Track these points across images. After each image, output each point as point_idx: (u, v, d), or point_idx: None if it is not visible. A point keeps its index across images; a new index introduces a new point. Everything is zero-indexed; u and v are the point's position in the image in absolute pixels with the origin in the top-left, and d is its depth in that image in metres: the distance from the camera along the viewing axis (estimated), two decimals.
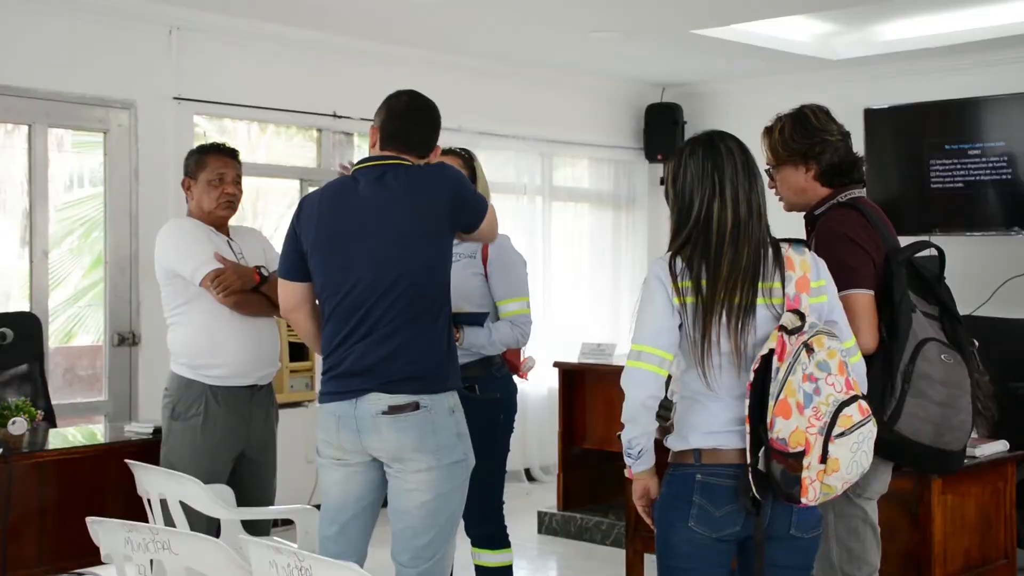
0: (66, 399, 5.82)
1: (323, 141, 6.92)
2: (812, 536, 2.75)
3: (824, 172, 3.29)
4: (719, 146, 2.77)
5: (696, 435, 2.72)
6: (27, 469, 4.07)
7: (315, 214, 3.28)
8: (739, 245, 2.68)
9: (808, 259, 2.75)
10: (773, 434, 2.56)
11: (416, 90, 3.42)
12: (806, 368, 2.57)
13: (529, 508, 6.54)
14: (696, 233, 2.72)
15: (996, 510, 4.44)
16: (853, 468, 2.60)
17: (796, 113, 3.34)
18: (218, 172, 4.11)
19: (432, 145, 3.39)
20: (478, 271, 4.02)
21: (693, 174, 2.76)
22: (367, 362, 3.18)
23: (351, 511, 3.29)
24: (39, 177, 5.74)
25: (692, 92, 8.52)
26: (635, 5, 6.11)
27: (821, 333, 2.62)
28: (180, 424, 4.04)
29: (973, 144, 6.97)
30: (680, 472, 2.73)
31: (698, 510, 2.68)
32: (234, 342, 4.02)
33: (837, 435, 2.56)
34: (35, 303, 5.70)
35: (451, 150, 4.19)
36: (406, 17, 6.29)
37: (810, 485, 2.56)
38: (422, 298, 3.20)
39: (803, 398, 2.56)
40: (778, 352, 2.59)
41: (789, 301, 2.69)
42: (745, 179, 2.74)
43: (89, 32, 5.83)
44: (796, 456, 2.54)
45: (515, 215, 7.72)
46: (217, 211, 4.12)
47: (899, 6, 6.49)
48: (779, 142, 3.31)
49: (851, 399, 2.60)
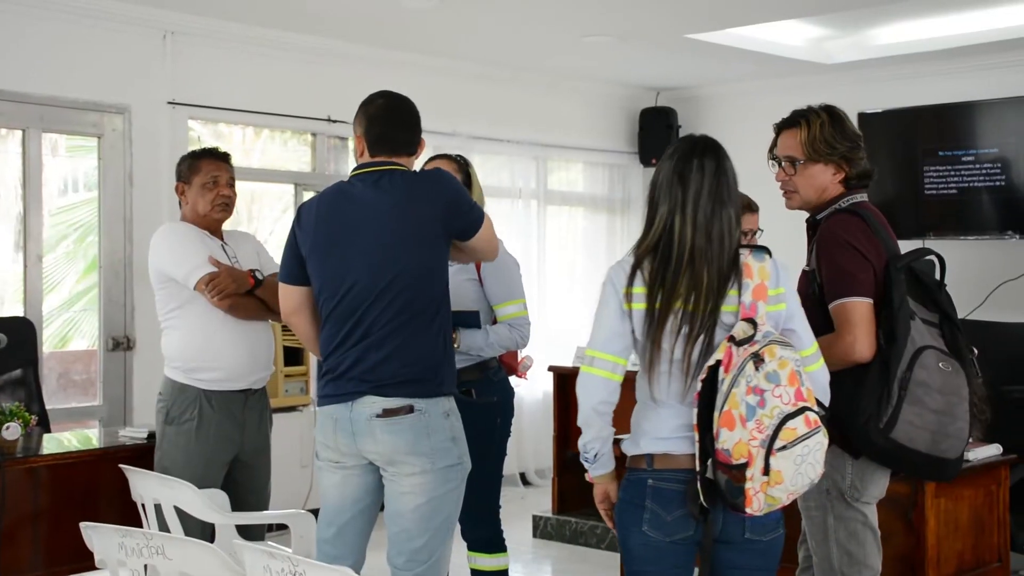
0: (61, 404, 5.82)
1: (318, 145, 6.92)
2: (771, 538, 2.73)
3: (852, 177, 3.26)
4: (693, 161, 2.71)
5: (647, 440, 2.72)
6: (21, 474, 4.06)
7: (313, 218, 3.30)
8: (697, 266, 2.65)
9: (768, 266, 2.70)
10: (719, 444, 2.55)
11: (388, 90, 3.42)
12: (751, 380, 2.53)
13: (524, 512, 6.54)
14: (660, 242, 2.70)
15: (990, 513, 4.46)
16: (798, 480, 2.56)
17: (831, 111, 3.27)
18: (212, 175, 4.12)
19: (417, 140, 3.40)
20: (471, 276, 4.03)
21: (664, 179, 2.73)
22: (363, 365, 3.20)
23: (348, 514, 3.30)
24: (33, 182, 5.74)
25: (686, 96, 8.53)
26: (629, 9, 6.12)
27: (774, 343, 2.58)
28: (174, 429, 4.03)
29: (967, 151, 6.98)
30: (634, 477, 2.74)
31: (650, 515, 2.69)
32: (228, 346, 4.02)
33: (779, 448, 2.51)
34: (29, 308, 5.69)
35: (446, 155, 4.20)
36: (401, 22, 6.29)
37: (754, 496, 2.53)
38: (418, 302, 3.21)
39: (746, 411, 2.52)
40: (724, 363, 2.57)
41: (744, 309, 2.65)
42: (708, 203, 2.68)
43: (83, 37, 5.83)
44: (739, 468, 2.52)
45: (510, 219, 7.73)
46: (212, 214, 4.13)
47: (893, 10, 6.50)
48: (820, 139, 3.22)
49: (798, 411, 2.54)
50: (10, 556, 4.00)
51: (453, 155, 4.20)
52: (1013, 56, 6.95)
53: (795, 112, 3.32)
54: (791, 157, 3.28)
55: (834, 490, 3.17)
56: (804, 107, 3.32)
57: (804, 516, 3.27)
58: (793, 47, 7.24)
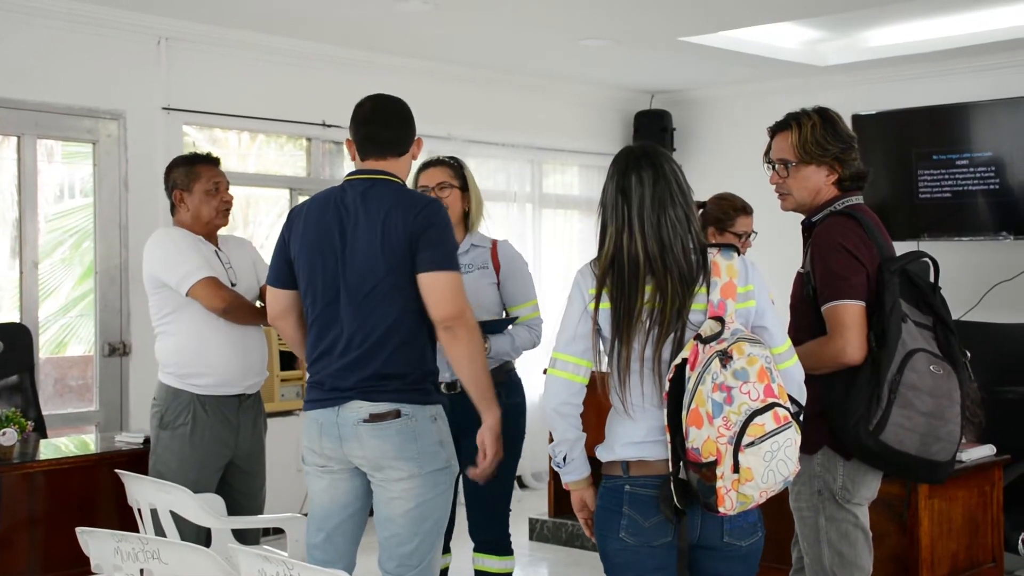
0: (57, 409, 5.82)
1: (313, 150, 6.94)
2: (750, 543, 2.72)
3: (845, 178, 3.27)
4: (631, 176, 2.73)
5: (620, 445, 2.72)
6: (17, 480, 4.08)
7: (302, 223, 3.30)
8: (658, 274, 2.65)
9: (736, 264, 2.71)
10: (688, 443, 2.55)
11: (381, 93, 3.41)
12: (716, 378, 2.53)
13: (521, 515, 6.54)
14: (615, 261, 2.70)
15: (983, 514, 4.47)
16: (770, 477, 2.54)
17: (823, 113, 3.29)
18: (214, 181, 4.17)
19: (407, 141, 3.35)
20: (492, 280, 4.05)
21: (609, 199, 2.76)
22: (348, 371, 3.20)
23: (337, 518, 3.30)
24: (29, 188, 5.74)
25: (681, 99, 8.55)
26: (624, 13, 6.13)
27: (743, 340, 2.58)
28: (168, 433, 4.05)
29: (960, 155, 6.99)
30: (610, 483, 2.74)
31: (628, 521, 2.68)
32: (221, 351, 4.03)
33: (747, 444, 2.49)
34: (25, 314, 5.70)
35: (440, 160, 4.18)
36: (395, 26, 6.30)
37: (726, 495, 2.52)
38: (403, 310, 3.19)
39: (712, 408, 2.52)
40: (691, 361, 2.57)
41: (712, 308, 2.65)
42: (653, 213, 2.70)
43: (78, 43, 5.84)
44: (709, 466, 2.51)
45: (505, 222, 7.73)
46: (217, 220, 4.18)
47: (887, 12, 6.52)
48: (811, 141, 3.24)
49: (766, 407, 2.53)
50: (7, 561, 4.01)
51: (447, 159, 4.18)
52: (1006, 57, 6.97)
53: (788, 115, 3.34)
54: (784, 159, 3.30)
55: (826, 491, 3.18)
56: (797, 110, 3.34)
57: (796, 517, 3.28)
58: (787, 49, 7.25)
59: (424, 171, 4.14)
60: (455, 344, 3.16)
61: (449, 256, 3.19)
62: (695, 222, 2.74)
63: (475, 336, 3.19)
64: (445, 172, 4.09)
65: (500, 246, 4.10)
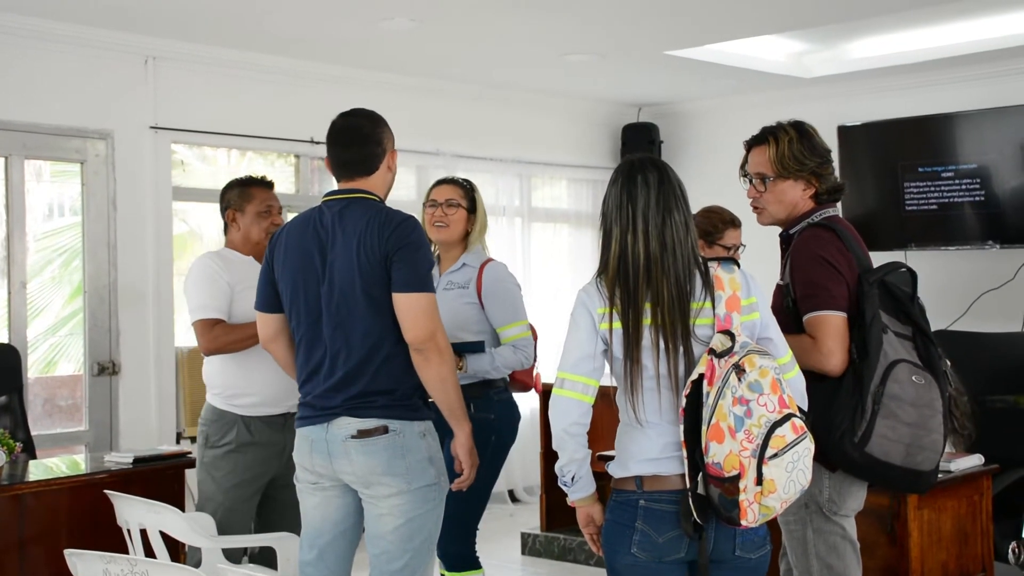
0: (46, 430, 5.82)
1: (301, 167, 6.95)
2: (759, 556, 2.74)
3: (822, 192, 3.29)
4: (637, 177, 2.77)
5: (635, 462, 2.72)
6: (6, 501, 4.06)
7: (283, 245, 3.33)
8: (655, 279, 2.69)
9: (738, 277, 2.74)
10: (708, 458, 2.57)
11: (351, 109, 3.40)
12: (735, 391, 2.56)
13: (512, 529, 6.55)
14: (620, 263, 2.74)
15: (973, 523, 4.47)
16: (790, 487, 2.57)
17: (799, 127, 3.30)
18: (267, 204, 4.31)
19: (372, 160, 3.31)
20: (471, 300, 4.06)
21: (613, 203, 2.80)
22: (336, 390, 3.22)
23: (329, 535, 3.31)
24: (16, 207, 5.75)
25: (668, 112, 8.58)
26: (610, 27, 6.16)
27: (752, 352, 2.61)
28: (212, 452, 4.16)
29: (946, 167, 7.02)
30: (623, 498, 2.74)
31: (641, 536, 2.68)
32: (265, 372, 4.09)
33: (770, 456, 2.53)
34: (14, 334, 5.69)
35: (454, 179, 4.23)
36: (382, 42, 6.32)
37: (748, 507, 2.54)
38: (386, 329, 3.21)
39: (734, 422, 2.54)
40: (708, 376, 2.59)
41: (720, 322, 2.68)
42: (657, 214, 2.74)
43: (65, 63, 5.84)
44: (732, 480, 2.53)
45: (495, 237, 7.72)
46: (266, 240, 4.25)
47: (871, 24, 6.55)
48: (789, 156, 3.26)
49: (784, 418, 2.56)
50: None
51: (460, 180, 4.23)
52: (990, 68, 7.01)
53: (764, 129, 3.36)
54: (761, 174, 3.32)
55: (812, 504, 3.19)
56: (773, 123, 3.36)
57: (784, 530, 3.29)
58: (772, 62, 7.29)
59: (437, 186, 4.21)
60: (426, 366, 3.20)
61: (421, 278, 3.20)
62: (693, 232, 2.78)
63: (446, 358, 3.22)
64: (456, 191, 4.15)
65: (488, 268, 4.11)
